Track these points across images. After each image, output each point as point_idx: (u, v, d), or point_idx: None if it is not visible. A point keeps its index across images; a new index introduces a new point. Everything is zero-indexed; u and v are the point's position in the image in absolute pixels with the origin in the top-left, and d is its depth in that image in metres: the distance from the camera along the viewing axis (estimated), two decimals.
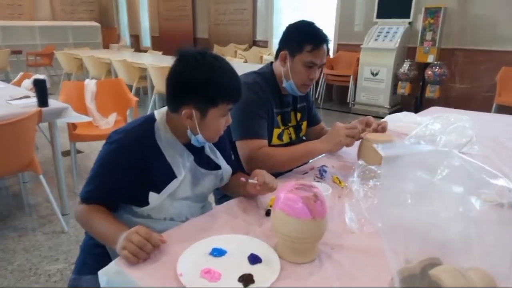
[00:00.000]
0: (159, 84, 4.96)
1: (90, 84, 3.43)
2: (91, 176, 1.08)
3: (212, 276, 0.85)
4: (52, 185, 2.62)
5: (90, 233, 1.09)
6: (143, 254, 0.88)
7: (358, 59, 5.63)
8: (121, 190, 1.09)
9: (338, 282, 0.84)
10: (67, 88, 3.32)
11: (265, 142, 1.47)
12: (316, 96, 6.32)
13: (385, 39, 5.35)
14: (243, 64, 5.70)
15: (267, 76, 1.53)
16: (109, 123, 3.39)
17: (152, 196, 1.09)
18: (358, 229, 1.02)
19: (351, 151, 1.50)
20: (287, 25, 1.52)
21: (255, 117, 1.45)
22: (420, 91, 5.31)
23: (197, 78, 1.02)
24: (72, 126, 3.07)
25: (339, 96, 6.48)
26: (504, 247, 0.66)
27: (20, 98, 2.57)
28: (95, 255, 1.15)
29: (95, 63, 6.20)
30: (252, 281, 0.83)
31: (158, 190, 1.09)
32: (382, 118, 2.04)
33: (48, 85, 3.63)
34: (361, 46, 5.50)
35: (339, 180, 1.33)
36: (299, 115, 1.67)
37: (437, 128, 1.56)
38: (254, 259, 0.90)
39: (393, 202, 0.71)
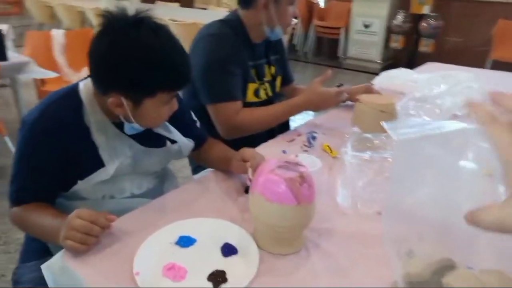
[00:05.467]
0: None
1: (58, 35, 3.12)
2: (13, 174, 0.89)
3: (176, 274, 0.70)
4: None
5: (33, 235, 0.93)
6: (92, 239, 0.74)
7: (349, 10, 5.31)
8: (51, 183, 0.90)
9: (327, 278, 0.71)
10: (32, 40, 3.00)
11: (240, 103, 1.30)
12: (305, 50, 6.03)
13: None
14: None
15: (235, 24, 1.34)
16: (81, 78, 3.13)
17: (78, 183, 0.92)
18: (352, 211, 0.88)
19: (345, 115, 1.32)
20: None
21: (226, 75, 1.26)
22: (414, 44, 5.08)
23: (126, 62, 0.79)
24: (40, 82, 2.81)
25: (329, 49, 6.18)
26: None
27: None
28: (39, 240, 0.99)
29: (68, 12, 5.71)
30: (225, 280, 0.69)
31: (82, 177, 0.91)
32: (376, 74, 1.87)
33: (12, 36, 3.32)
34: None
35: (330, 148, 1.18)
36: (273, 68, 1.49)
37: (442, 88, 1.38)
38: (228, 250, 0.76)
39: (402, 183, 0.56)
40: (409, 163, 0.63)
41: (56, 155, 0.87)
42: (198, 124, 1.13)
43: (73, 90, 0.90)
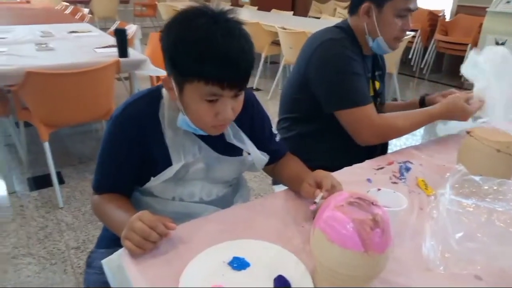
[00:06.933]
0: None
1: None
2: (97, 163, 0.95)
3: None
4: None
5: (105, 225, 0.97)
6: (149, 244, 0.73)
7: (480, 25, 4.71)
8: (127, 176, 0.94)
9: None
10: (154, 40, 3.29)
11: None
12: (422, 66, 5.55)
13: None
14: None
15: (348, 32, 1.26)
16: None
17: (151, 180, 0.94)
18: (439, 266, 0.73)
19: (451, 150, 1.11)
20: None
21: (357, 77, 1.18)
22: None
23: (172, 38, 0.78)
24: (156, 78, 3.07)
25: (450, 67, 5.60)
26: None
27: (105, 47, 2.60)
28: None
29: None
30: None
31: (155, 174, 0.92)
32: None
33: (140, 35, 3.71)
34: (487, 9, 4.57)
35: (425, 185, 1.01)
36: (377, 84, 1.37)
37: None
38: (280, 284, 0.68)
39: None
40: None
41: (133, 150, 0.91)
42: (277, 138, 1.07)
43: (158, 87, 0.94)
